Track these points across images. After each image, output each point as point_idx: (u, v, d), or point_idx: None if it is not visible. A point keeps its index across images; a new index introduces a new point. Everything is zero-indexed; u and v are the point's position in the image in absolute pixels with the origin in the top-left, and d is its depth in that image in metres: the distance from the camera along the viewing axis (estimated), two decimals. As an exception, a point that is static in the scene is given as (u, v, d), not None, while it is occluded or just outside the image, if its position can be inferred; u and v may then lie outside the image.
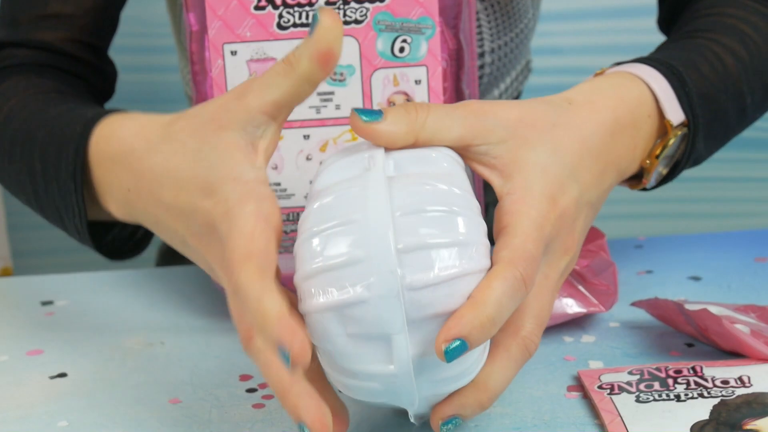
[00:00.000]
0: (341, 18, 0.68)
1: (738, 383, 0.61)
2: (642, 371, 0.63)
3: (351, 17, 0.68)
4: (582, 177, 0.59)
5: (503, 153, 0.57)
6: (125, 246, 0.76)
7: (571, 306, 0.71)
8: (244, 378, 0.67)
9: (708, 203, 1.72)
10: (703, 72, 0.71)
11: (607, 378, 0.63)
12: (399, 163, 0.55)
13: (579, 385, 0.64)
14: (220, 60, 0.69)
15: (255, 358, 0.56)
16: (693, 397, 0.60)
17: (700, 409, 0.59)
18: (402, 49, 0.69)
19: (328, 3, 0.68)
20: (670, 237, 0.89)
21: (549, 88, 0.75)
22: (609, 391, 0.61)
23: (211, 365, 0.69)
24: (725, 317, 0.66)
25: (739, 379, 0.62)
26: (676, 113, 0.67)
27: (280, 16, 0.69)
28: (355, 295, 0.51)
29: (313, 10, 0.68)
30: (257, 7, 0.68)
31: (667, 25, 0.86)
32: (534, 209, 0.55)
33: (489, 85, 0.95)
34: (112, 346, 0.73)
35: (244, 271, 0.52)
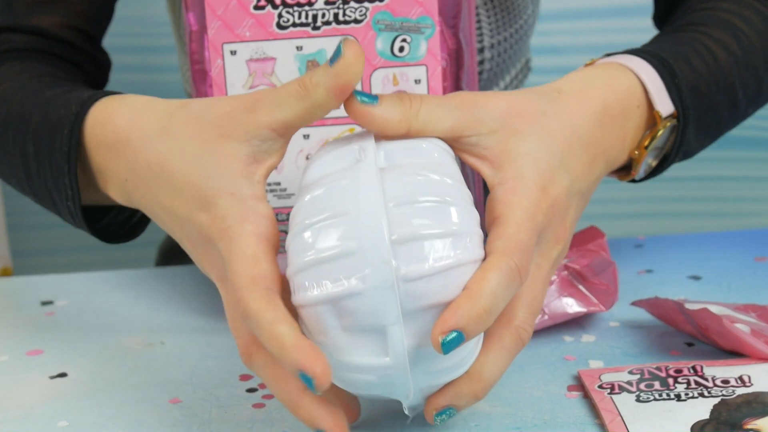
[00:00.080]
0: (341, 18, 0.68)
1: (738, 383, 0.61)
2: (642, 371, 0.63)
3: (350, 17, 0.68)
4: (572, 166, 0.59)
5: (493, 143, 0.57)
6: (121, 230, 0.74)
7: (572, 305, 0.71)
8: (244, 378, 0.67)
9: (708, 203, 1.72)
10: (694, 65, 0.71)
11: (607, 377, 0.63)
12: (389, 154, 0.55)
13: (579, 384, 0.64)
14: (220, 60, 0.69)
15: (258, 373, 0.56)
16: (693, 397, 0.60)
17: (701, 408, 0.59)
18: (401, 49, 0.69)
19: (327, 3, 0.68)
20: (670, 236, 0.89)
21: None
22: (609, 390, 0.61)
23: (211, 365, 0.69)
24: (725, 317, 0.66)
25: (740, 378, 0.62)
26: (665, 104, 0.67)
27: (280, 16, 0.69)
28: (349, 288, 0.51)
29: (313, 10, 0.68)
30: (257, 7, 0.68)
31: (662, 21, 0.86)
32: (526, 199, 0.55)
33: (489, 81, 0.95)
34: (112, 346, 0.73)
35: (253, 299, 0.52)
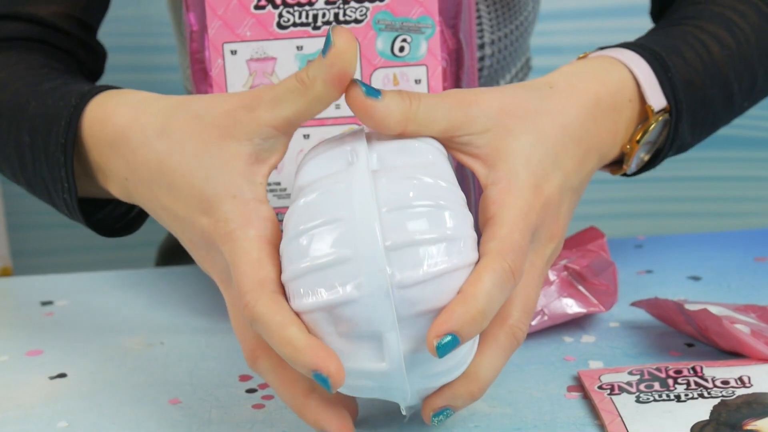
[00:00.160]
0: (341, 17, 0.68)
1: (738, 383, 0.61)
2: (642, 371, 0.63)
3: (351, 16, 0.68)
4: (565, 163, 0.59)
5: (486, 142, 0.57)
6: (117, 224, 0.74)
7: (571, 306, 0.71)
8: (244, 378, 0.67)
9: (708, 203, 1.72)
10: (687, 58, 0.71)
11: (607, 378, 0.63)
12: (382, 155, 0.55)
13: (579, 385, 0.64)
14: (220, 59, 0.69)
15: (264, 376, 0.57)
16: (693, 398, 0.60)
17: (701, 409, 0.59)
18: (402, 49, 0.69)
19: (327, 2, 0.68)
20: (670, 237, 0.89)
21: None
22: (609, 391, 0.61)
23: (211, 365, 0.69)
24: (725, 317, 0.66)
25: (740, 379, 0.62)
26: (657, 99, 0.67)
27: (280, 16, 0.69)
28: (344, 295, 0.51)
29: (313, 10, 0.68)
30: (257, 7, 0.68)
31: (658, 16, 0.86)
32: (519, 198, 0.55)
33: (489, 79, 0.95)
34: (112, 347, 0.73)
35: (260, 303, 0.52)
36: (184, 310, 0.79)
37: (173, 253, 1.09)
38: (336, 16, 0.68)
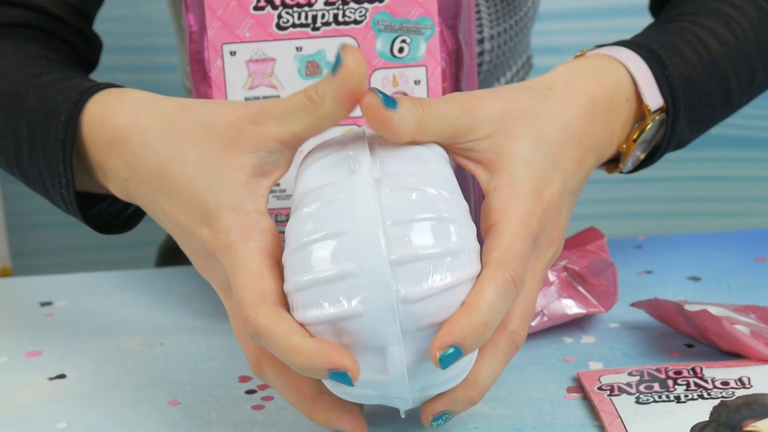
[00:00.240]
0: (340, 18, 0.68)
1: (738, 384, 0.61)
2: (642, 372, 0.63)
3: (350, 17, 0.68)
4: (564, 166, 0.59)
5: (489, 147, 0.57)
6: (114, 220, 0.73)
7: (571, 307, 0.71)
8: (244, 379, 0.67)
9: (708, 203, 1.72)
10: (685, 55, 0.71)
11: (606, 379, 0.63)
12: (385, 162, 0.55)
13: (579, 386, 0.64)
14: (219, 60, 0.69)
15: (270, 384, 0.57)
16: (693, 399, 0.60)
17: (700, 410, 0.59)
18: (401, 50, 0.69)
19: (326, 3, 0.68)
20: (669, 237, 0.89)
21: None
22: (609, 392, 0.61)
23: (211, 366, 0.69)
24: (725, 318, 0.66)
25: (739, 380, 0.62)
26: (654, 98, 0.67)
27: (279, 17, 0.69)
28: (349, 309, 0.51)
29: (312, 11, 0.68)
30: (256, 8, 0.68)
31: (658, 10, 0.86)
32: (521, 206, 0.55)
33: (489, 74, 0.95)
34: (112, 347, 0.73)
35: (261, 316, 0.52)
36: (184, 310, 0.79)
37: (173, 254, 1.09)
38: (335, 17, 0.68)
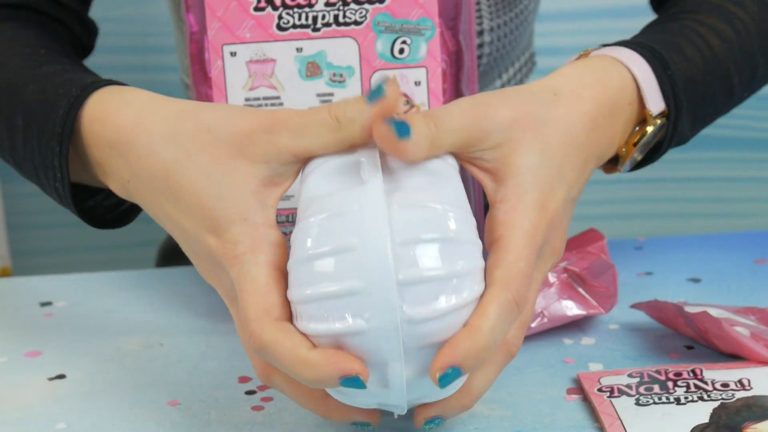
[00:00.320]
0: (341, 19, 0.68)
1: (738, 386, 0.61)
2: (642, 374, 0.63)
3: (350, 18, 0.68)
4: (567, 175, 0.59)
5: (497, 157, 0.56)
6: (109, 214, 0.72)
7: (571, 308, 0.71)
8: (243, 380, 0.67)
9: (708, 204, 1.72)
10: (688, 54, 0.70)
11: (606, 381, 0.63)
12: (395, 171, 0.54)
13: (579, 387, 0.64)
14: (220, 61, 0.69)
15: (279, 390, 0.57)
16: (693, 400, 0.60)
17: (700, 412, 0.59)
18: (401, 51, 0.69)
19: (327, 4, 0.68)
20: (669, 238, 0.89)
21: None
22: (609, 393, 0.61)
23: (210, 367, 0.69)
24: (725, 320, 0.66)
25: (739, 382, 0.62)
26: (656, 102, 0.67)
27: (280, 17, 0.69)
28: (353, 326, 0.51)
29: (313, 12, 0.68)
30: (257, 8, 0.68)
31: (659, 5, 0.86)
32: (526, 220, 0.55)
33: (489, 68, 0.95)
34: (111, 348, 0.73)
35: (266, 331, 0.53)
36: (184, 311, 0.79)
37: (173, 254, 1.09)
38: (336, 17, 0.68)
